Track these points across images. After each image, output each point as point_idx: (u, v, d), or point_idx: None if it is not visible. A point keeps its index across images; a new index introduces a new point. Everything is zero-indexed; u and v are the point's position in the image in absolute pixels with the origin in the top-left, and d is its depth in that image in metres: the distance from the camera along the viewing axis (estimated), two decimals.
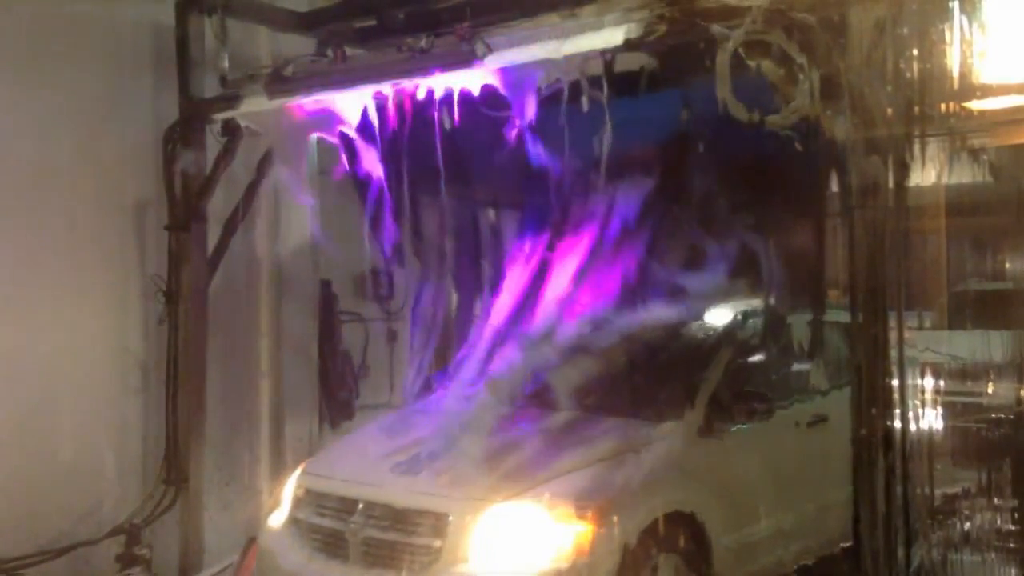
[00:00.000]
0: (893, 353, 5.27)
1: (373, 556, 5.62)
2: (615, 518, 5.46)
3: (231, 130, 7.61)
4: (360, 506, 5.77)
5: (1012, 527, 6.06)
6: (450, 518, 5.47)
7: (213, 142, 7.71)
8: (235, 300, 8.33)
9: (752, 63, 5.48)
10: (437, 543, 5.46)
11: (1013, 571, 5.98)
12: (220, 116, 7.55)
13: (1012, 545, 6.01)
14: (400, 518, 5.62)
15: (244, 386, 8.37)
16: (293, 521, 6.15)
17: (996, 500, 6.12)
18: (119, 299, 7.77)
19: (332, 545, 5.82)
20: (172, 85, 7.68)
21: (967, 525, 6.08)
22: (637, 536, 5.51)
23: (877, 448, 5.18)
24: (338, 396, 8.25)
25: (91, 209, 7.57)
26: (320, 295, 8.68)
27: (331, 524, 5.87)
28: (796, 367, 6.94)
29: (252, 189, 7.95)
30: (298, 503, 6.19)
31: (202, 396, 7.79)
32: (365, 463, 6.23)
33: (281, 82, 7.21)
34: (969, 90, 5.91)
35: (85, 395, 7.52)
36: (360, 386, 9.07)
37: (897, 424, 5.26)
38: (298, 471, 6.47)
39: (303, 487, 6.25)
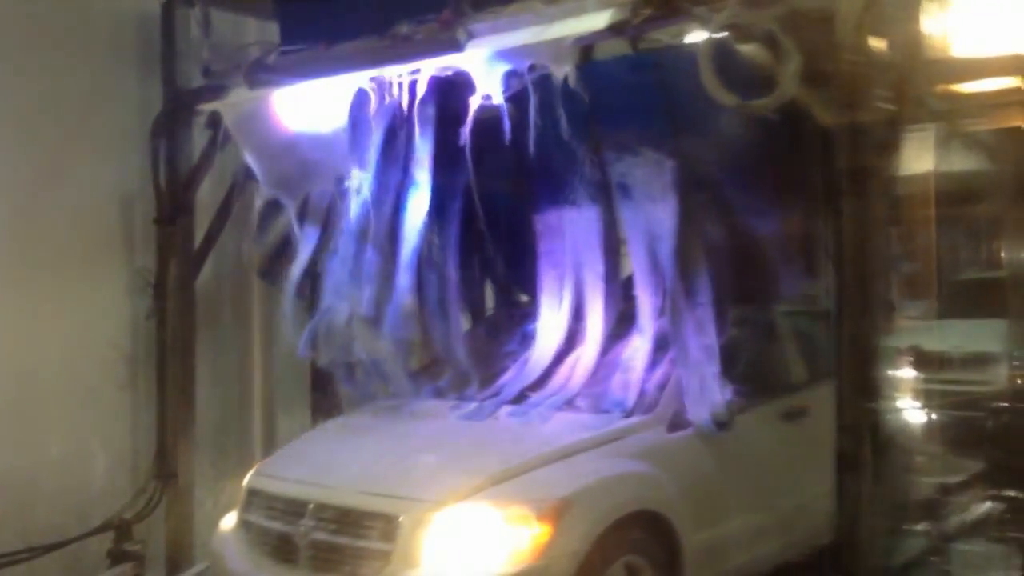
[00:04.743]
0: (880, 343, 5.15)
1: (323, 560, 5.44)
2: (573, 519, 5.24)
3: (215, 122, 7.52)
4: (310, 507, 5.58)
5: (1007, 516, 6.01)
6: (401, 520, 5.28)
7: (200, 133, 7.64)
8: (225, 294, 8.28)
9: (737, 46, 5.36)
10: (388, 547, 5.26)
11: (1010, 560, 5.90)
12: (205, 107, 7.48)
13: (1010, 534, 5.95)
14: (350, 521, 5.43)
15: (235, 381, 8.32)
16: (243, 524, 6.00)
17: (990, 490, 6.05)
18: (106, 293, 7.71)
19: (281, 549, 5.63)
20: (158, 76, 7.65)
21: (960, 515, 6.07)
22: (597, 537, 5.26)
23: (862, 440, 5.04)
24: (330, 391, 8.11)
25: (77, 202, 7.51)
26: None
27: (281, 527, 5.68)
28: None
29: (240, 180, 7.84)
30: (248, 505, 6.03)
31: (191, 391, 7.75)
32: (317, 464, 6.07)
33: (263, 71, 7.14)
34: (958, 72, 5.75)
35: (73, 390, 7.46)
36: None
37: (884, 415, 5.15)
38: (251, 472, 6.33)
39: (254, 488, 6.09)
